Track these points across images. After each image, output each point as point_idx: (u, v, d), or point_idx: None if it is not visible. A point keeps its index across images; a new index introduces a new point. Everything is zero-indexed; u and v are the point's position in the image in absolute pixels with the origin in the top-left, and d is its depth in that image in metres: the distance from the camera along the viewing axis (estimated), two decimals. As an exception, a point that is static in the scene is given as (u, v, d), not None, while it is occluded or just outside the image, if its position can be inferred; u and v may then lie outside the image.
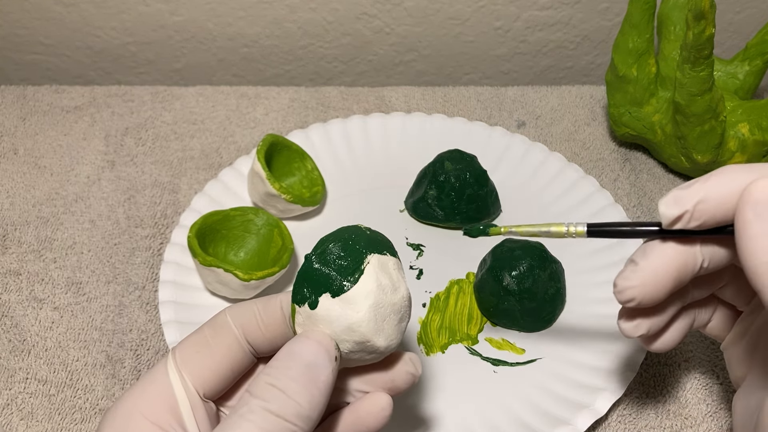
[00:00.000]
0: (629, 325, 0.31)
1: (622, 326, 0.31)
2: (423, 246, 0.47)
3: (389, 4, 0.59)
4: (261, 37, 0.61)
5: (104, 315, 0.43)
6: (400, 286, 0.29)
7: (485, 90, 0.58)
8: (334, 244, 0.28)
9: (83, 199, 0.50)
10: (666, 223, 0.28)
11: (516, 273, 0.41)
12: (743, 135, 0.47)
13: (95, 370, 0.41)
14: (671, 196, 0.27)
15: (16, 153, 0.53)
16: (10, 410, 0.39)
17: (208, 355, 0.29)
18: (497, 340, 0.42)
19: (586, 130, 0.55)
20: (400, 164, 0.51)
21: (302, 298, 0.28)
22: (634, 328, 0.31)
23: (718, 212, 0.27)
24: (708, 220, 0.27)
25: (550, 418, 0.37)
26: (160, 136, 0.54)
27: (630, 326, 0.31)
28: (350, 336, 0.27)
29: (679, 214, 0.27)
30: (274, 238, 0.44)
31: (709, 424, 0.39)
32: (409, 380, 0.30)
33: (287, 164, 0.48)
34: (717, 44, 0.62)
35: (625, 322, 0.31)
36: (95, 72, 0.64)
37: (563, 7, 0.59)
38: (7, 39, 0.62)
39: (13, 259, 0.46)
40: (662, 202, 0.28)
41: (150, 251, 0.46)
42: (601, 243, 0.45)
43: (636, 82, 0.49)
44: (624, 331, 0.31)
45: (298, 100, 0.57)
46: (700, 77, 0.43)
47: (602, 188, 0.48)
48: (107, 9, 0.59)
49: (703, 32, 0.41)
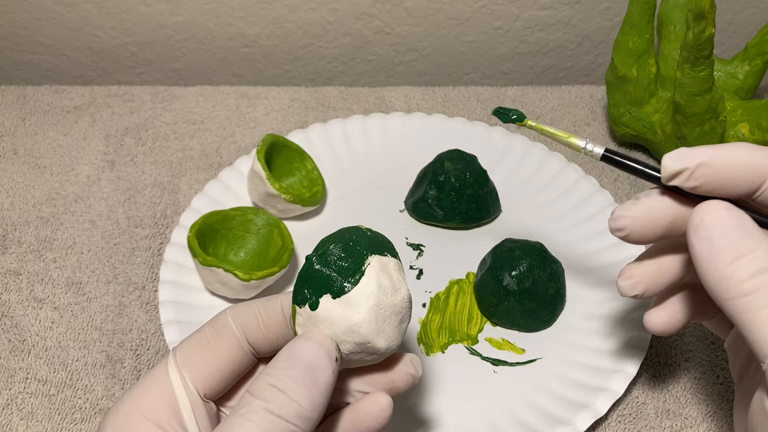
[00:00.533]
0: (627, 283, 0.32)
1: (620, 284, 0.32)
2: (423, 246, 0.47)
3: (389, 4, 0.59)
4: (261, 37, 0.61)
5: (104, 315, 0.43)
6: (401, 288, 0.29)
7: (485, 90, 0.58)
8: (335, 245, 0.28)
9: (83, 199, 0.50)
10: (665, 175, 0.29)
11: (516, 273, 0.41)
12: (743, 135, 0.47)
13: (95, 370, 0.41)
14: (677, 152, 0.28)
15: (16, 153, 0.53)
16: (10, 410, 0.39)
17: (209, 355, 0.29)
18: (497, 340, 0.42)
19: (586, 130, 0.55)
20: (400, 164, 0.51)
21: (303, 299, 0.28)
22: (632, 287, 0.32)
23: (717, 179, 0.28)
24: (705, 184, 0.28)
25: (550, 418, 0.37)
26: (160, 136, 0.54)
27: (628, 284, 0.32)
28: (351, 337, 0.27)
29: (680, 169, 0.28)
30: (274, 238, 0.44)
31: (709, 424, 0.39)
32: (409, 381, 0.30)
33: (287, 164, 0.48)
34: (717, 44, 0.62)
35: (624, 280, 0.32)
36: (95, 72, 0.64)
37: (563, 7, 0.59)
38: (7, 39, 0.62)
39: (13, 259, 0.46)
40: (667, 155, 0.28)
41: (150, 251, 0.46)
42: (601, 243, 0.45)
43: (636, 82, 0.49)
44: (621, 289, 0.32)
45: (298, 100, 0.57)
46: (700, 77, 0.43)
47: (602, 188, 0.48)
48: (107, 9, 0.59)
49: (703, 32, 0.41)
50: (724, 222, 0.27)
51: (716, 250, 0.27)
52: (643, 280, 0.32)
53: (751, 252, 0.26)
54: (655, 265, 0.32)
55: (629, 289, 0.32)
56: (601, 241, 0.46)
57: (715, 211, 0.27)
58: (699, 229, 0.27)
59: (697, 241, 0.27)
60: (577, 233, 0.47)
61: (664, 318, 0.33)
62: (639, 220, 0.30)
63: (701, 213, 0.27)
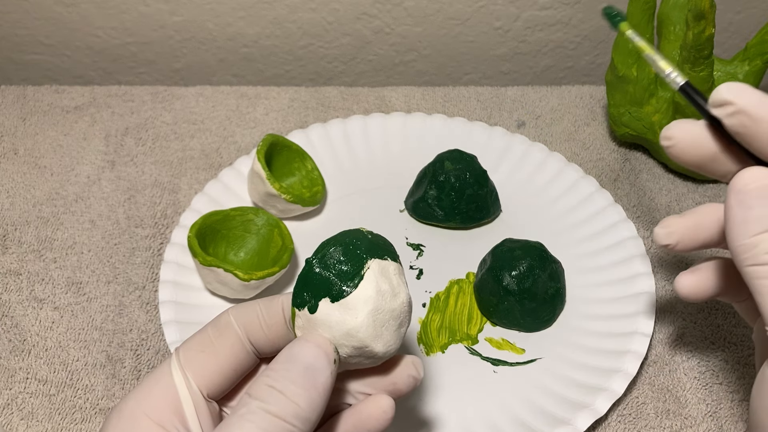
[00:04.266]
0: (664, 231, 0.33)
1: (656, 232, 0.33)
2: (423, 246, 0.47)
3: (389, 4, 0.59)
4: (261, 37, 0.61)
5: (104, 315, 0.43)
6: (400, 292, 0.29)
7: (485, 90, 0.58)
8: (335, 248, 0.28)
9: (83, 199, 0.50)
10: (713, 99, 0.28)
11: (516, 273, 0.41)
12: (743, 135, 0.47)
13: (95, 370, 0.41)
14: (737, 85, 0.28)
15: (17, 153, 0.53)
16: (11, 410, 0.39)
17: (212, 355, 0.29)
18: (497, 340, 0.42)
19: (586, 130, 0.55)
20: (400, 164, 0.51)
21: (302, 301, 0.28)
22: (667, 235, 0.33)
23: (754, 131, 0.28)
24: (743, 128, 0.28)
25: (550, 418, 0.37)
26: (160, 136, 0.54)
27: (664, 232, 0.33)
28: (349, 341, 0.27)
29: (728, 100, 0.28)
30: (274, 238, 0.44)
31: (709, 424, 0.39)
32: (410, 383, 0.30)
33: (287, 164, 0.48)
34: (717, 44, 0.62)
35: (661, 228, 0.33)
36: (95, 72, 0.64)
37: (563, 7, 0.59)
38: (7, 39, 0.62)
39: (14, 259, 0.46)
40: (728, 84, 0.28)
41: (150, 251, 0.47)
42: (601, 243, 0.45)
43: (636, 82, 0.49)
44: (656, 236, 0.33)
45: (298, 100, 0.57)
46: (700, 77, 0.43)
47: (602, 188, 0.48)
48: (107, 9, 0.59)
49: (703, 32, 0.41)
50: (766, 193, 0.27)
51: (750, 218, 0.27)
52: (678, 231, 0.33)
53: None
54: (693, 220, 0.33)
55: (664, 237, 0.33)
56: (601, 241, 0.46)
57: (760, 179, 0.27)
58: (740, 193, 0.27)
59: (735, 204, 0.27)
60: (577, 233, 0.47)
61: (694, 281, 0.33)
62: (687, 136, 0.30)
63: (746, 178, 0.27)
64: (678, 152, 0.31)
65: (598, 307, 0.43)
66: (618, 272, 0.44)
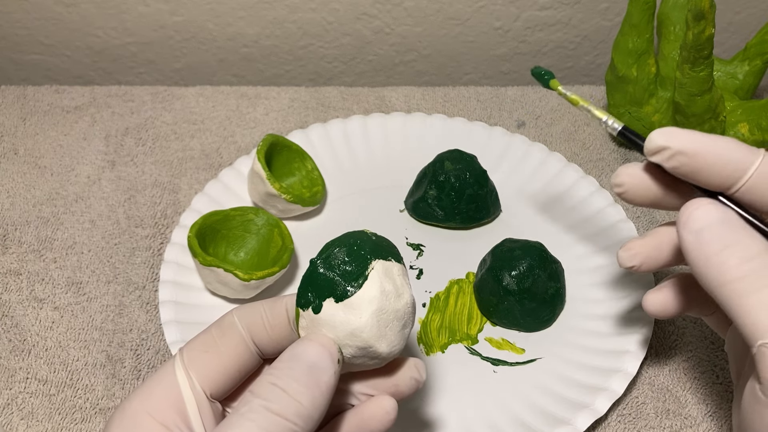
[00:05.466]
0: (627, 254, 0.33)
1: (619, 255, 0.34)
2: (423, 246, 0.47)
3: (389, 4, 0.59)
4: (261, 37, 0.61)
5: (104, 315, 0.43)
6: (404, 293, 0.29)
7: (485, 90, 0.58)
8: (339, 249, 0.28)
9: (83, 199, 0.50)
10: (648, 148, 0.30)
11: (516, 273, 0.41)
12: (743, 135, 0.47)
13: (95, 370, 0.41)
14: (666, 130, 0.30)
15: (17, 153, 0.53)
16: (11, 410, 0.39)
17: (216, 355, 0.29)
18: (497, 340, 0.42)
19: (586, 130, 0.55)
20: (400, 164, 0.51)
21: (306, 302, 0.28)
22: (630, 258, 0.33)
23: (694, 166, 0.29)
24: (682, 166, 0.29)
25: (550, 417, 0.37)
26: (160, 136, 0.54)
27: (627, 255, 0.33)
28: (353, 341, 0.27)
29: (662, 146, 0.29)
30: (274, 238, 0.44)
31: (708, 424, 0.39)
32: (413, 385, 0.30)
33: (287, 164, 0.48)
34: (717, 44, 0.62)
35: (624, 251, 0.34)
36: (95, 72, 0.64)
37: (563, 7, 0.59)
38: (7, 39, 0.62)
39: (14, 259, 0.46)
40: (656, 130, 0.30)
41: (150, 251, 0.47)
42: (600, 243, 0.45)
43: (636, 82, 0.49)
44: (620, 259, 0.34)
45: (298, 100, 0.57)
46: (699, 77, 0.43)
47: (602, 188, 0.48)
48: (107, 9, 0.59)
49: (703, 32, 0.41)
50: (712, 216, 0.28)
51: (705, 241, 0.28)
52: (641, 253, 0.33)
53: (738, 242, 0.27)
54: (655, 241, 0.33)
55: (627, 260, 0.33)
56: (601, 241, 0.46)
57: (703, 206, 0.28)
58: (688, 223, 0.28)
59: (686, 235, 0.28)
60: (576, 233, 0.47)
61: (661, 299, 0.34)
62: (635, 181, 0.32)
63: (690, 208, 0.28)
64: (631, 197, 0.32)
65: (598, 307, 0.43)
66: (618, 272, 0.44)
